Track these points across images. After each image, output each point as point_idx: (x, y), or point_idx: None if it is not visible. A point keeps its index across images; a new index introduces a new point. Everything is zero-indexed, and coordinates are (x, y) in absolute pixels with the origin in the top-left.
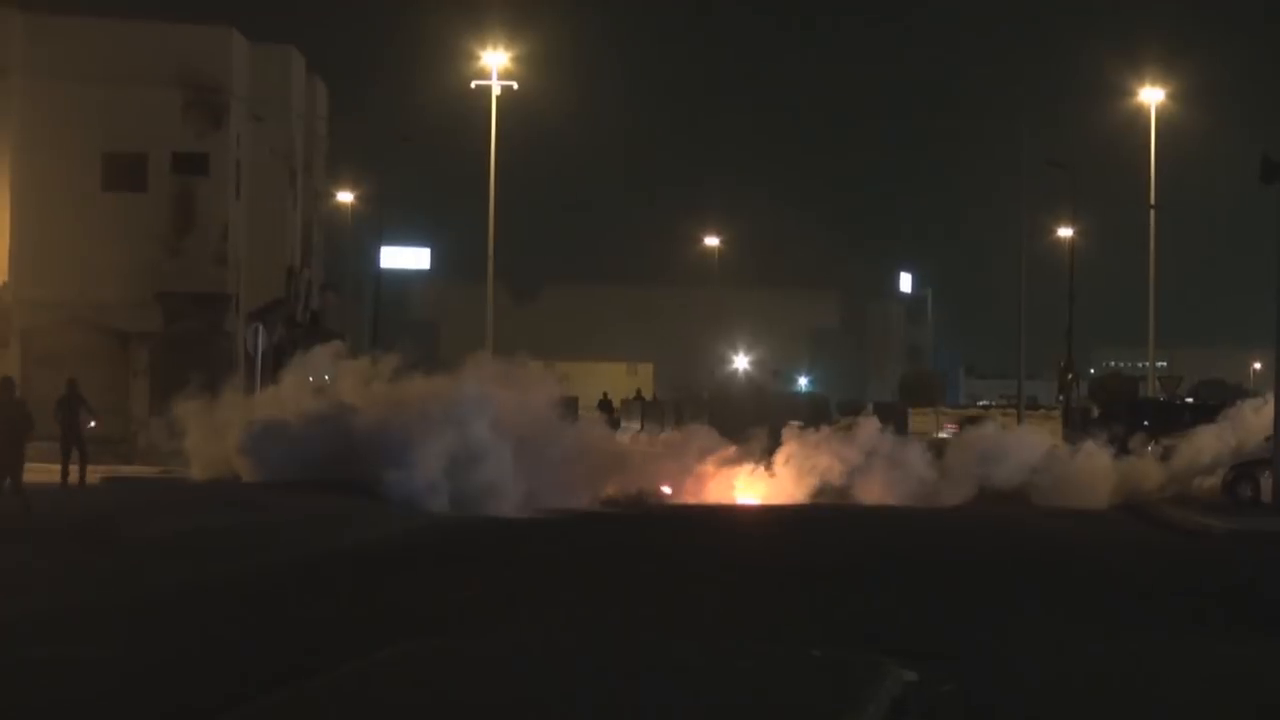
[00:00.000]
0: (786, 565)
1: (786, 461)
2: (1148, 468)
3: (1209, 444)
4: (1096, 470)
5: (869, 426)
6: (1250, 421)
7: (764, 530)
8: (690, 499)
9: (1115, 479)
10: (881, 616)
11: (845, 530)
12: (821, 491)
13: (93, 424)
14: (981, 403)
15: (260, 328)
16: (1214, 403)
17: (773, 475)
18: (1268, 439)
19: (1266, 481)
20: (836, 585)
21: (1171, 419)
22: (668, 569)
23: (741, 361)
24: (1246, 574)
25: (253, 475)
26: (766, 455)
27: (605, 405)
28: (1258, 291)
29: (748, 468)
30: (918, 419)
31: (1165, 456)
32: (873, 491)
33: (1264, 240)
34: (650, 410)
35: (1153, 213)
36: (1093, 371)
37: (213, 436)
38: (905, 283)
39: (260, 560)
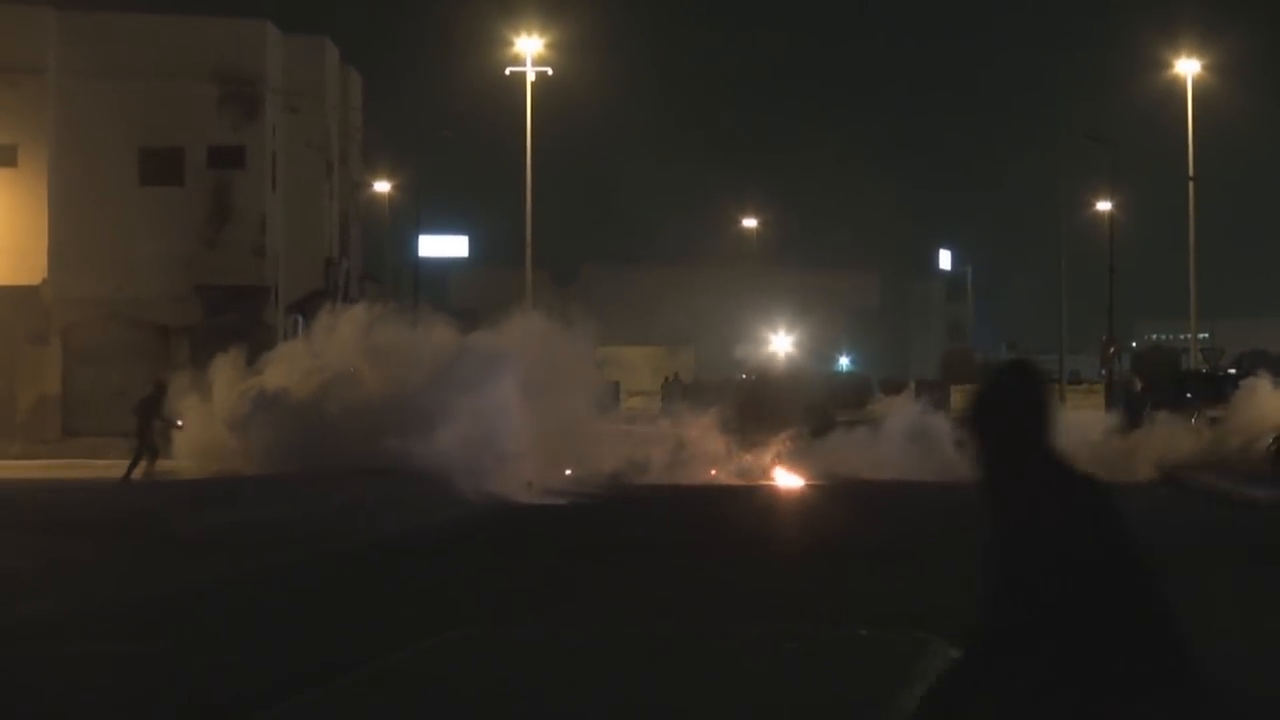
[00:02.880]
0: (845, 545)
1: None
2: (1189, 438)
3: (1253, 414)
4: (1134, 442)
5: (904, 407)
6: None
7: (808, 509)
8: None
9: (1155, 451)
10: (925, 596)
11: (877, 508)
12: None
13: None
14: None
15: (300, 319)
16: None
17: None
18: None
19: None
20: (876, 565)
21: (1214, 391)
22: (718, 548)
23: (783, 343)
24: None
25: (251, 453)
26: (816, 436)
27: (674, 389)
28: None
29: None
30: (960, 396)
31: (1208, 428)
32: (899, 467)
33: None
34: (690, 393)
35: (1191, 184)
36: (1135, 345)
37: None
38: (945, 260)
39: (306, 552)
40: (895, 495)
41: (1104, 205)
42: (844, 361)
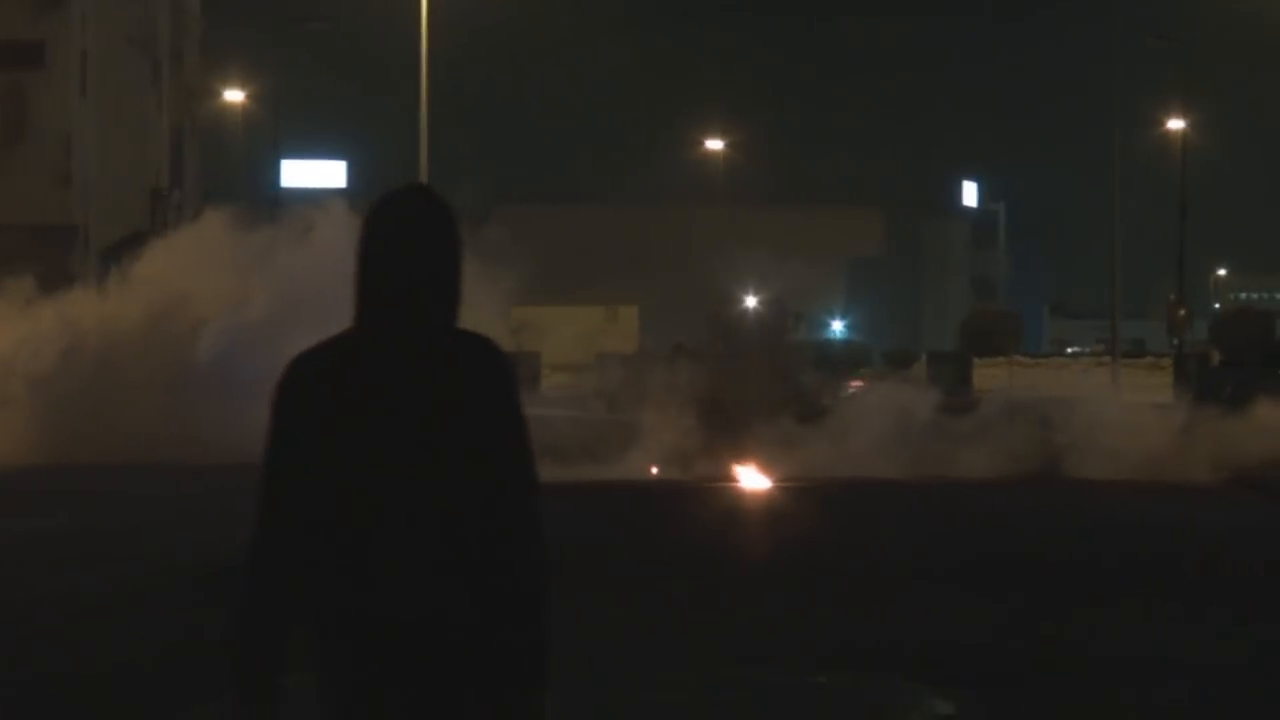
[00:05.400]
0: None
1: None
2: (1265, 428)
3: None
4: (1207, 432)
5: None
6: None
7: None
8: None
9: (1232, 445)
10: (908, 625)
11: (849, 515)
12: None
13: None
14: (1071, 349)
15: (115, 269)
16: None
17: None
18: None
19: None
20: (848, 586)
21: None
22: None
23: (756, 303)
24: None
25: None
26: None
27: (611, 363)
28: None
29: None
30: (985, 372)
31: None
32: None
33: None
34: (631, 368)
35: None
36: (1218, 308)
37: None
38: (970, 195)
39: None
40: (876, 499)
41: (1176, 124)
42: (838, 327)
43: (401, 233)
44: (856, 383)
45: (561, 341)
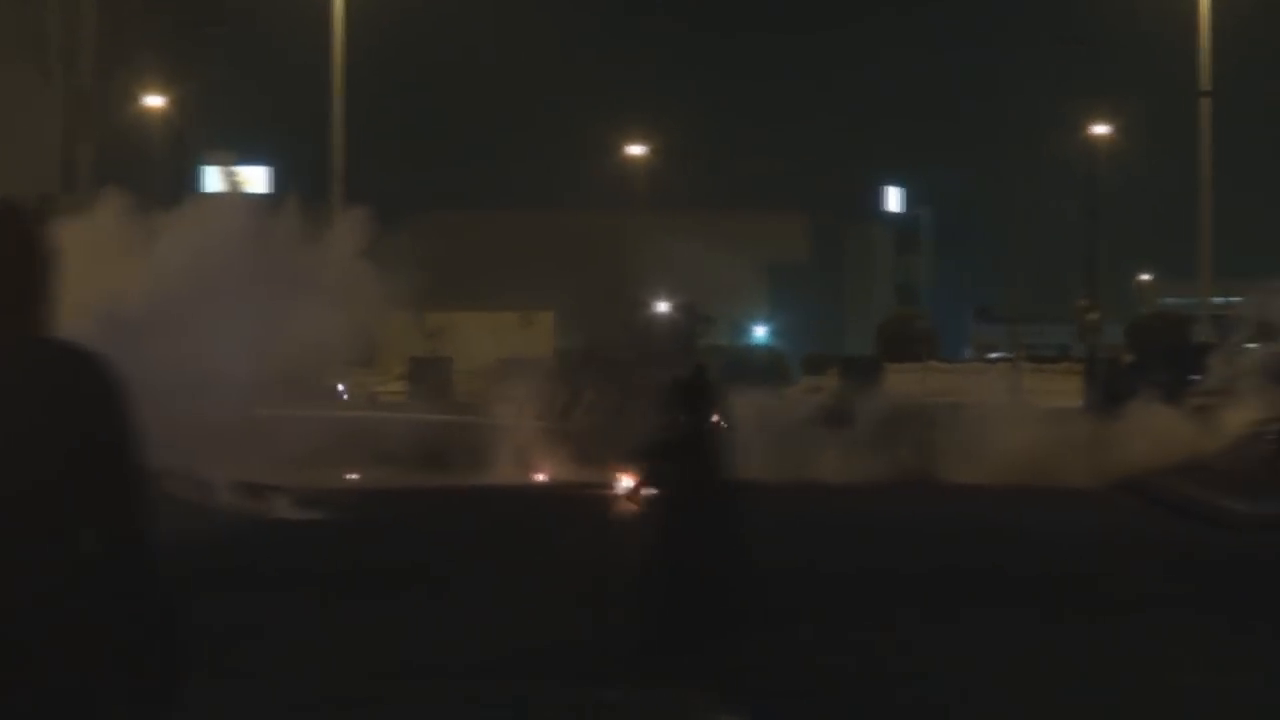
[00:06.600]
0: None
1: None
2: (1179, 431)
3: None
4: (1104, 434)
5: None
6: None
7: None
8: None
9: (1129, 447)
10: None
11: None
12: None
13: None
14: (994, 355)
15: None
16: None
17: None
18: None
19: None
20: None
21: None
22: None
23: (670, 308)
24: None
25: None
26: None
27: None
28: None
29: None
30: (899, 378)
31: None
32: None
33: None
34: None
35: (1205, 101)
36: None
37: None
38: (894, 200)
39: None
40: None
41: (1100, 129)
42: (760, 332)
43: None
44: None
45: (477, 346)
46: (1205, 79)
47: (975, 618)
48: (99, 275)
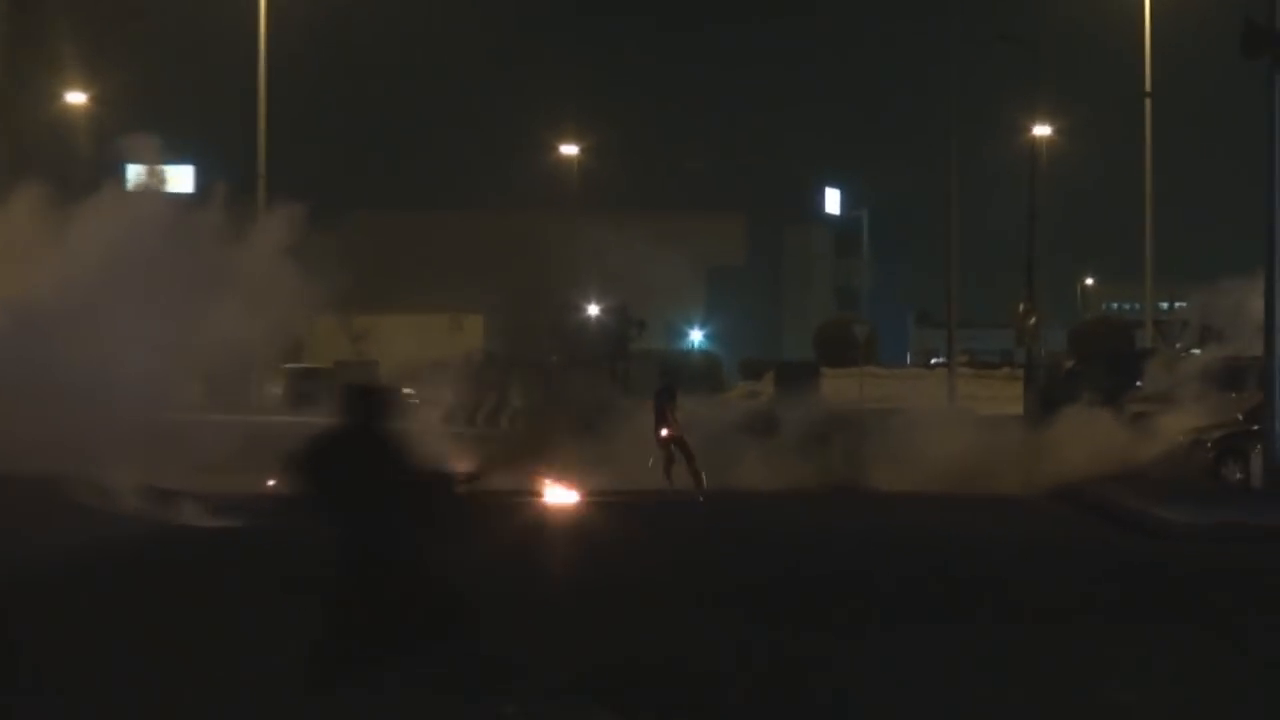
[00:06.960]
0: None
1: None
2: (1116, 437)
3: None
4: (1042, 441)
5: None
6: None
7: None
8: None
9: (1065, 454)
10: (648, 648)
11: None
12: None
13: None
14: (936, 360)
15: None
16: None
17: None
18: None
19: (1258, 460)
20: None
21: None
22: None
23: (595, 311)
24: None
25: None
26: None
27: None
28: None
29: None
30: (836, 383)
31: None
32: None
33: None
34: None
35: (1148, 103)
36: (1088, 318)
37: None
38: (833, 202)
39: None
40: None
41: (1040, 130)
42: (697, 336)
43: None
44: None
45: (404, 350)
46: (1148, 80)
47: (885, 626)
48: (10, 272)
